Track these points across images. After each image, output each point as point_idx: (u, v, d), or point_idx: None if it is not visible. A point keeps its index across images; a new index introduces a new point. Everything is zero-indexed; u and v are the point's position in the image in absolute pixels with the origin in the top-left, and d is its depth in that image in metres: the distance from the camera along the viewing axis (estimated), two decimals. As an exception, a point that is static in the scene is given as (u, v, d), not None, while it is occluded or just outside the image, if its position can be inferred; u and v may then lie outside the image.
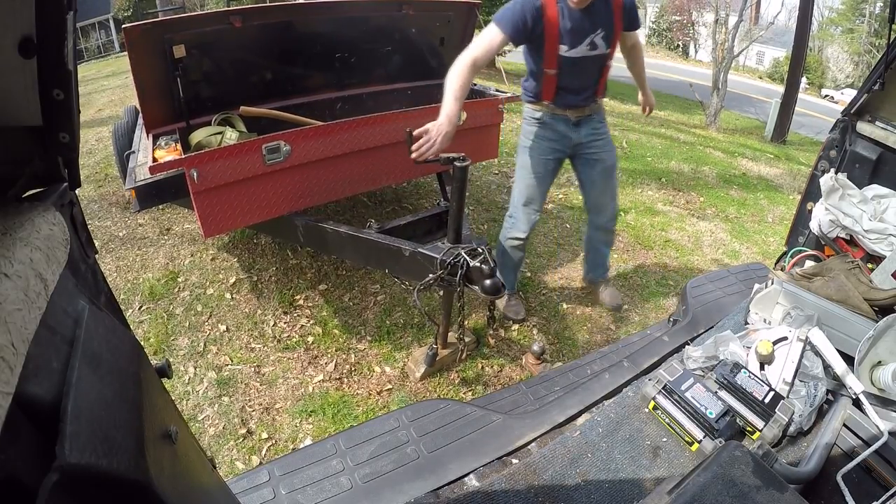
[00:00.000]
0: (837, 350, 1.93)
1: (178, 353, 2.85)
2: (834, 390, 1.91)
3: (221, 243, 3.80)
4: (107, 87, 9.97)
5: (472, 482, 1.68)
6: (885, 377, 1.81)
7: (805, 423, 1.78)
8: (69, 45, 0.66)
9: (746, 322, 2.31)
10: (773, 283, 2.27)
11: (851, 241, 2.38)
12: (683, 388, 1.82)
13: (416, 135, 2.18)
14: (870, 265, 2.25)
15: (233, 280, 3.43)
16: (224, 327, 3.04)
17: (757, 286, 2.37)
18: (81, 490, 0.52)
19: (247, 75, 3.31)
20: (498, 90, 3.84)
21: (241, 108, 3.20)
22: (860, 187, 2.36)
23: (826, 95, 25.11)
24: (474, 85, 3.99)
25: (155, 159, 2.56)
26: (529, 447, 1.83)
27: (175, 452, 0.78)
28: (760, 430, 1.72)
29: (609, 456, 1.72)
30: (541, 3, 2.32)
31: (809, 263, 2.53)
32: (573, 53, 2.44)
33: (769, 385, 1.81)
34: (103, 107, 8.04)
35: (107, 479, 0.54)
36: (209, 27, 2.88)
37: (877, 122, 2.33)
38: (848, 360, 1.90)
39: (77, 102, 0.72)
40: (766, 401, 1.74)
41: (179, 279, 3.45)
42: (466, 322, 2.73)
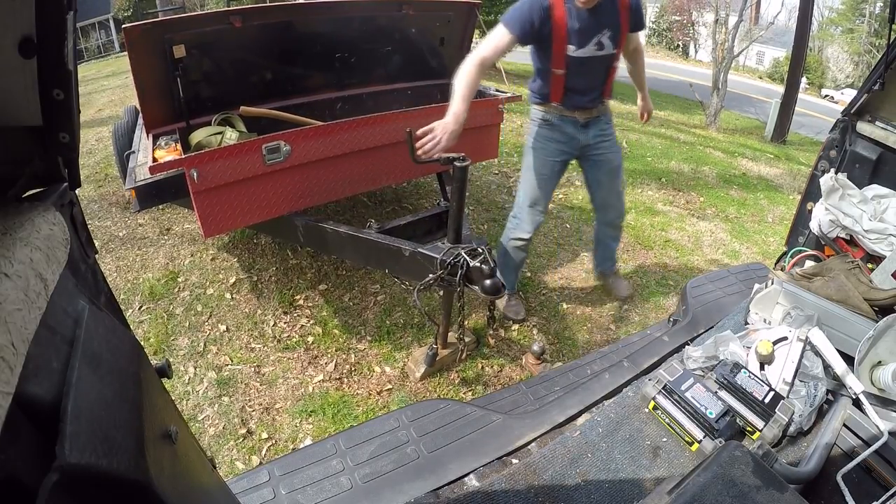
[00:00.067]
0: (837, 350, 1.94)
1: (178, 354, 2.86)
2: (834, 390, 1.91)
3: (221, 243, 3.80)
4: (107, 87, 9.97)
5: (472, 482, 1.68)
6: (885, 377, 1.81)
7: (805, 423, 1.78)
8: (69, 45, 0.66)
9: (746, 322, 2.31)
10: (773, 283, 2.27)
11: (851, 241, 2.38)
12: (683, 388, 1.82)
13: (422, 132, 2.18)
14: (870, 265, 2.25)
15: (233, 280, 3.43)
16: (224, 327, 3.05)
17: (757, 286, 2.37)
18: (81, 490, 0.52)
19: (247, 75, 3.30)
20: (498, 90, 3.83)
21: (241, 109, 3.19)
22: (860, 187, 2.36)
23: (826, 95, 25.09)
24: None
25: (155, 159, 2.55)
26: (529, 447, 1.84)
27: (175, 452, 0.78)
28: (760, 430, 1.72)
29: (609, 456, 1.72)
30: (548, 4, 2.33)
31: (809, 263, 2.53)
32: (581, 53, 2.44)
33: (769, 385, 1.81)
34: (103, 107, 8.04)
35: (107, 479, 0.54)
36: (209, 27, 2.87)
37: (877, 122, 2.33)
38: (848, 360, 1.90)
39: (77, 102, 0.72)
40: (766, 401, 1.74)
41: (179, 279, 3.45)
42: (466, 322, 2.73)
